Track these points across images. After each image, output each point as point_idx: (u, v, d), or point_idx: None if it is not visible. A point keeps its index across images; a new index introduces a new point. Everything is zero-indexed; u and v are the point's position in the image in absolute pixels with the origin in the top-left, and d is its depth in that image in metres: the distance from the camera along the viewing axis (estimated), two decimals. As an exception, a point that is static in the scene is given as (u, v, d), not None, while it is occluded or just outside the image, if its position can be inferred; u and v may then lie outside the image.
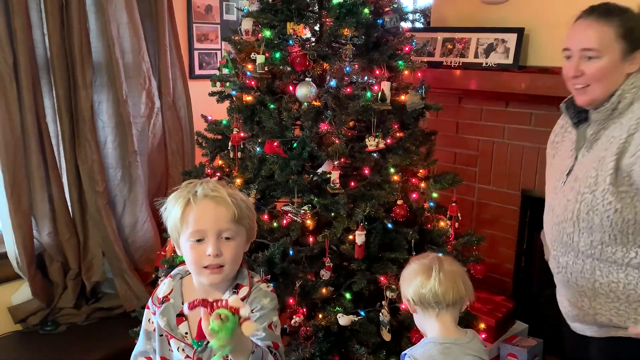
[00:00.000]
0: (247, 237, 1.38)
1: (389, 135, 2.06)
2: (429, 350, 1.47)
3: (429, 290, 1.45)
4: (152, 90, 2.74)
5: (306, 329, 1.96)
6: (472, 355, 1.48)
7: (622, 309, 1.53)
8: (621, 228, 1.47)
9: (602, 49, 1.49)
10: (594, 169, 1.51)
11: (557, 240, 1.64)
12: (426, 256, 1.55)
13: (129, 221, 2.69)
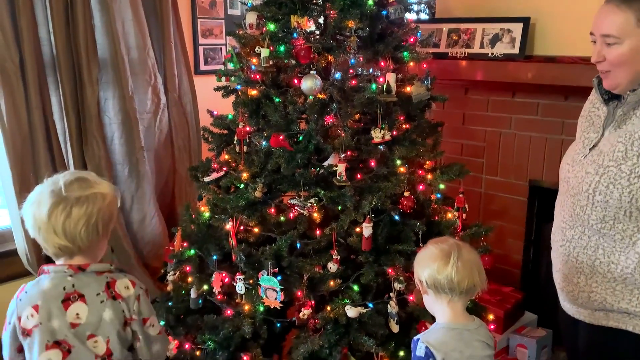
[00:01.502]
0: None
1: (395, 127, 2.06)
2: (443, 336, 1.49)
3: (445, 277, 1.46)
4: (158, 86, 2.75)
5: (314, 321, 1.97)
6: (481, 341, 1.50)
7: (618, 290, 1.55)
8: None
9: (621, 35, 1.47)
10: (622, 144, 1.49)
11: (568, 213, 1.64)
12: (445, 241, 1.55)
13: (137, 217, 2.70)
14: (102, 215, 1.42)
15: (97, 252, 1.50)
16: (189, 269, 2.24)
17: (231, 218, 2.11)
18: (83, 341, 1.42)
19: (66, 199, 1.38)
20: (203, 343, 2.09)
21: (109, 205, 1.45)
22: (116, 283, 1.46)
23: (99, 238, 1.45)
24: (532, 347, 2.53)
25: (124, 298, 1.46)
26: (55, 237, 1.39)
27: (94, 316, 1.42)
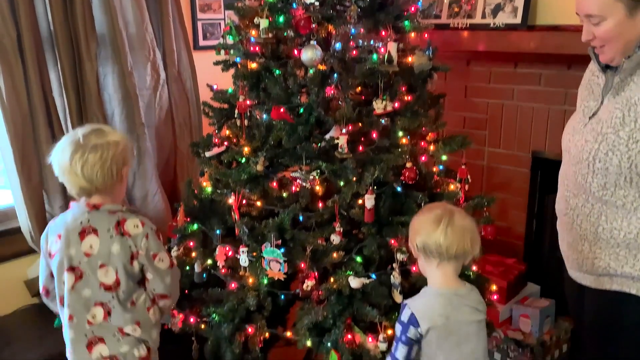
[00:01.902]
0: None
1: (397, 99, 2.04)
2: (430, 301, 1.52)
3: (434, 242, 1.49)
4: (157, 61, 2.72)
5: (318, 292, 1.98)
6: (470, 306, 1.54)
7: (622, 255, 1.56)
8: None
9: (603, 12, 1.48)
10: (619, 110, 1.50)
11: (571, 182, 1.65)
12: (440, 207, 1.58)
13: (140, 194, 2.70)
14: (115, 160, 1.63)
15: (115, 194, 1.71)
16: (193, 244, 2.24)
17: (233, 192, 2.11)
18: (94, 270, 1.65)
19: (84, 147, 1.59)
20: (208, 316, 2.10)
21: (121, 152, 1.65)
22: (126, 222, 1.66)
23: (113, 181, 1.65)
24: (535, 317, 2.55)
25: (132, 235, 1.65)
26: (76, 179, 1.61)
27: (105, 248, 1.64)
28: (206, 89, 2.37)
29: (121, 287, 1.67)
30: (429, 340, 1.50)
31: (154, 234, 1.70)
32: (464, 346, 1.51)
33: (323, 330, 2.01)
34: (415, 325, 1.49)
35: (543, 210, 2.87)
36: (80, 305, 1.68)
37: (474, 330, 1.53)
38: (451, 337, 1.50)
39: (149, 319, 1.74)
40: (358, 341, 1.93)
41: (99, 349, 1.70)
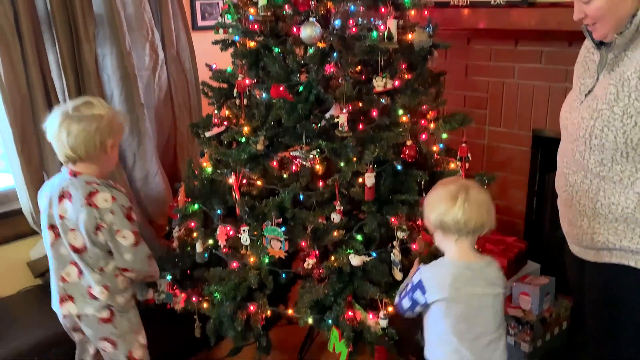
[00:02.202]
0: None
1: (397, 76, 2.03)
2: (441, 272, 1.54)
3: (452, 218, 1.50)
4: (156, 41, 2.71)
5: (319, 271, 1.99)
6: (485, 280, 1.55)
7: (620, 229, 1.58)
8: (636, 145, 1.49)
9: None
10: (613, 86, 1.51)
11: (570, 159, 1.67)
12: (454, 182, 1.58)
13: (140, 175, 2.70)
14: (99, 132, 1.74)
15: (100, 165, 1.81)
16: (194, 224, 2.25)
17: (234, 172, 2.11)
18: (66, 232, 1.79)
19: (70, 117, 1.72)
20: (210, 295, 2.12)
21: (106, 125, 1.76)
22: (98, 194, 1.75)
23: (96, 152, 1.76)
24: (535, 294, 2.56)
25: (99, 208, 1.74)
26: (62, 147, 1.74)
27: (74, 215, 1.76)
28: (205, 70, 2.36)
29: (88, 252, 1.79)
30: (438, 306, 1.55)
31: (121, 211, 1.77)
32: (474, 318, 1.54)
33: (324, 308, 2.03)
34: (422, 291, 1.55)
35: (543, 189, 2.87)
36: (57, 261, 1.85)
37: (487, 303, 1.55)
38: (460, 307, 1.53)
39: (117, 285, 1.86)
40: (359, 318, 1.94)
41: (67, 306, 1.87)
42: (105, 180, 1.83)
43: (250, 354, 2.53)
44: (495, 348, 1.57)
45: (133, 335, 1.95)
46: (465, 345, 1.54)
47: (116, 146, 1.85)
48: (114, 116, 1.81)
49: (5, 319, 2.26)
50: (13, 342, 2.12)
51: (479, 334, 1.55)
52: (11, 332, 2.17)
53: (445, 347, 1.57)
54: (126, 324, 1.92)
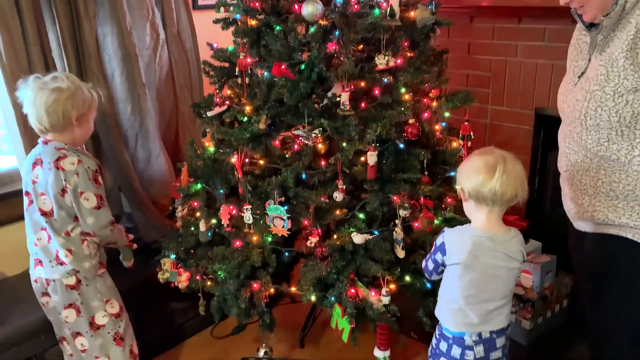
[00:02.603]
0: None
1: (399, 54, 2.02)
2: (463, 237, 1.58)
3: (489, 190, 1.51)
4: (156, 21, 2.69)
5: (322, 249, 2.01)
6: (503, 252, 1.57)
7: (620, 206, 1.61)
8: (629, 123, 1.51)
9: None
10: (603, 67, 1.53)
11: (570, 140, 1.69)
12: (491, 152, 1.57)
13: (143, 155, 2.70)
14: (61, 105, 1.80)
15: (69, 136, 1.88)
16: (197, 203, 2.26)
17: (236, 151, 2.11)
18: (37, 197, 1.88)
19: (35, 90, 1.80)
20: (214, 273, 2.14)
21: (67, 98, 1.81)
22: (65, 158, 1.83)
23: (61, 123, 1.83)
24: (537, 272, 2.58)
25: (65, 170, 1.82)
26: (31, 117, 1.85)
27: (43, 179, 1.85)
28: (206, 49, 2.35)
29: (55, 215, 1.87)
30: (454, 268, 1.60)
31: (86, 174, 1.84)
32: (485, 284, 1.59)
33: (327, 286, 2.05)
34: (442, 253, 1.61)
35: (545, 167, 2.87)
36: (32, 227, 1.94)
37: (501, 275, 1.59)
38: (474, 274, 1.57)
39: (81, 250, 1.91)
40: (361, 295, 1.96)
41: (38, 270, 1.96)
42: (74, 147, 1.90)
43: (254, 331, 2.57)
44: (499, 313, 1.63)
45: (99, 303, 1.98)
46: (471, 307, 1.60)
47: (85, 119, 1.90)
48: (76, 90, 1.84)
49: (12, 297, 2.29)
50: (20, 320, 2.15)
51: (486, 299, 1.60)
52: (18, 311, 2.20)
53: (452, 305, 1.63)
54: (92, 292, 1.97)
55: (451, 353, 1.65)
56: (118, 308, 2.04)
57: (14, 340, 2.10)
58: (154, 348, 2.63)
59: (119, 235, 2.03)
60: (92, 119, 1.96)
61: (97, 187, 1.88)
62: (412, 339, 2.64)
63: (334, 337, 2.53)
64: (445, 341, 1.67)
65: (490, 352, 1.65)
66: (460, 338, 1.63)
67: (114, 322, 2.02)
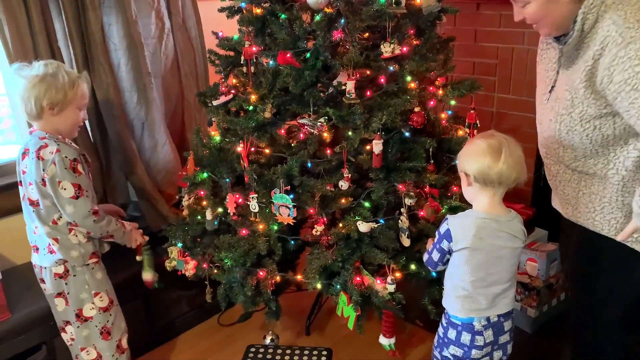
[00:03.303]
0: None
1: (405, 42, 2.01)
2: (467, 221, 1.60)
3: (497, 172, 1.53)
4: (161, 9, 2.68)
5: (327, 237, 2.01)
6: (507, 233, 1.61)
7: (598, 220, 1.65)
8: (602, 143, 1.55)
9: None
10: (568, 92, 1.57)
11: (548, 152, 1.74)
12: (493, 135, 1.58)
13: (149, 144, 2.71)
14: (33, 93, 1.80)
15: (49, 125, 1.87)
16: (203, 192, 2.27)
17: (242, 140, 2.12)
18: (26, 186, 1.90)
19: (15, 78, 1.82)
20: (220, 261, 2.15)
21: (33, 86, 1.79)
22: (45, 148, 1.82)
23: (34, 112, 1.83)
24: (542, 261, 2.59)
25: (44, 159, 1.82)
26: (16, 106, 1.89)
27: (29, 168, 1.85)
28: (211, 37, 2.34)
29: (40, 205, 1.88)
30: (461, 254, 1.61)
31: (62, 162, 1.82)
32: (491, 266, 1.61)
33: (332, 274, 2.06)
34: (448, 240, 1.62)
35: (552, 156, 2.85)
36: (28, 216, 1.96)
37: (505, 255, 1.62)
38: (481, 256, 1.59)
39: (68, 239, 1.92)
40: (367, 283, 1.97)
41: (34, 257, 2.00)
42: (56, 136, 1.88)
43: (260, 319, 2.59)
44: (505, 296, 1.66)
45: (87, 296, 1.98)
46: (479, 291, 1.62)
47: (64, 108, 1.86)
48: (49, 76, 1.81)
49: (21, 285, 2.32)
50: (28, 308, 2.17)
51: (493, 282, 1.62)
52: (27, 298, 2.23)
53: (459, 292, 1.65)
54: (80, 283, 1.96)
55: (461, 340, 1.67)
56: (107, 301, 2.03)
57: (23, 327, 2.12)
58: (161, 335, 2.66)
59: (111, 228, 1.98)
60: (78, 107, 1.91)
61: (76, 176, 1.85)
62: (417, 327, 2.65)
63: (340, 324, 2.55)
64: (454, 328, 1.68)
65: (498, 336, 1.68)
66: (470, 324, 1.65)
67: (102, 316, 2.01)
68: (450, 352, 1.69)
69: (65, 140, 1.93)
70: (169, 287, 2.57)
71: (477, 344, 1.65)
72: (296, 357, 2.13)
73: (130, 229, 2.10)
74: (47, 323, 2.17)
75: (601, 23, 1.46)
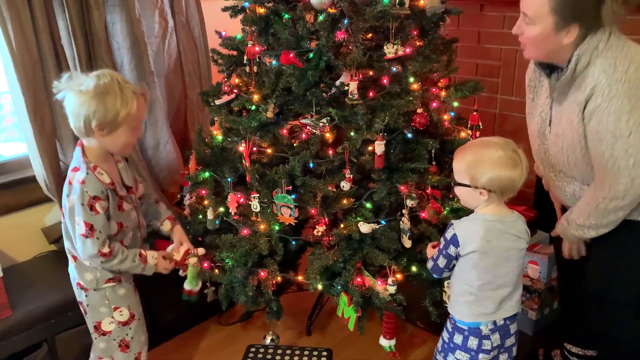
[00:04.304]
0: None
1: (408, 43, 2.01)
2: (475, 226, 1.60)
3: (509, 179, 1.53)
4: (165, 8, 2.69)
5: (329, 238, 2.01)
6: (513, 234, 1.61)
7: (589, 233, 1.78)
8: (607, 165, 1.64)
9: (535, 18, 1.61)
10: (569, 130, 1.67)
11: (562, 174, 1.81)
12: (504, 143, 1.56)
13: (151, 143, 2.72)
14: (80, 111, 1.63)
15: (96, 143, 1.71)
16: (205, 192, 2.27)
17: (244, 140, 2.12)
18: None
19: (68, 87, 1.64)
20: (221, 261, 2.15)
21: (82, 104, 1.62)
22: (77, 172, 1.70)
23: (82, 130, 1.67)
24: (544, 263, 2.57)
25: (71, 185, 1.71)
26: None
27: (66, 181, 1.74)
28: (214, 37, 2.34)
29: (65, 220, 1.78)
30: (468, 258, 1.60)
31: (82, 197, 1.67)
32: (499, 269, 1.61)
33: (333, 274, 2.06)
34: (455, 245, 1.60)
35: (555, 158, 2.85)
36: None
37: (512, 256, 1.62)
38: (489, 259, 1.59)
39: (82, 262, 1.83)
40: (368, 284, 1.97)
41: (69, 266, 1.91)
42: (91, 161, 1.73)
43: (261, 319, 2.59)
44: (511, 299, 1.66)
45: (107, 310, 1.87)
46: (487, 295, 1.62)
47: (115, 129, 1.68)
48: (102, 95, 1.63)
49: (22, 283, 2.32)
50: (30, 305, 2.17)
51: (500, 285, 1.62)
52: (28, 296, 2.23)
53: (467, 297, 1.64)
54: (99, 297, 1.86)
55: (467, 345, 1.66)
56: (128, 316, 1.90)
57: (24, 325, 2.12)
58: (162, 334, 2.66)
59: (125, 266, 1.81)
60: (132, 127, 1.72)
61: (91, 215, 1.68)
62: (417, 328, 2.65)
63: (341, 325, 2.54)
64: (460, 333, 1.67)
65: (505, 339, 1.68)
66: (477, 328, 1.65)
67: (120, 329, 1.90)
68: (456, 356, 1.69)
69: (96, 171, 1.72)
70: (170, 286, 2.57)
71: (485, 348, 1.65)
72: (296, 357, 2.13)
73: (155, 262, 1.90)
74: (48, 321, 2.18)
75: (593, 67, 1.58)
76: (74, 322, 2.23)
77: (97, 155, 1.75)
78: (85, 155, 1.73)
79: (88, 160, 1.72)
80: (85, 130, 1.67)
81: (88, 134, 1.69)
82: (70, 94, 1.64)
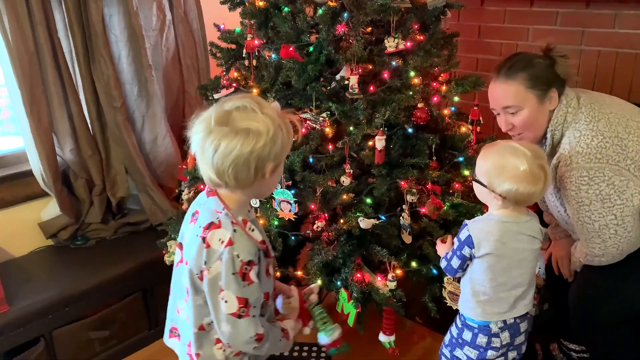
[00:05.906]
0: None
1: (409, 37, 1.99)
2: (489, 226, 1.59)
3: (528, 192, 1.52)
4: (163, 1, 2.66)
5: (328, 233, 2.00)
6: (527, 235, 1.60)
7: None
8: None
9: (519, 103, 1.73)
10: (551, 194, 1.83)
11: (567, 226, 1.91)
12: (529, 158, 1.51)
13: (149, 137, 2.70)
14: (257, 155, 1.23)
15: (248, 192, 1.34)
16: (203, 187, 2.25)
17: (243, 134, 2.09)
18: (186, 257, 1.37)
19: (220, 129, 1.21)
20: (220, 256, 2.13)
21: (266, 144, 1.23)
22: (218, 230, 1.28)
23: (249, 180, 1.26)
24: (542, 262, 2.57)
25: (210, 248, 1.27)
26: (207, 167, 1.24)
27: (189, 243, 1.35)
28: (213, 30, 2.32)
29: (189, 297, 1.34)
30: (483, 259, 1.59)
31: (232, 264, 1.26)
32: (513, 270, 1.60)
33: (333, 270, 2.04)
34: (470, 246, 1.59)
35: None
36: (176, 288, 1.44)
37: (527, 257, 1.62)
38: (504, 261, 1.58)
39: (212, 355, 1.38)
40: (367, 280, 1.96)
41: (172, 342, 1.51)
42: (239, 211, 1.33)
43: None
44: (524, 298, 1.65)
45: None
46: (501, 295, 1.61)
47: (278, 169, 1.33)
48: (277, 130, 1.25)
49: (18, 278, 2.30)
50: (27, 301, 2.16)
51: (515, 285, 1.62)
52: (25, 291, 2.21)
53: (480, 297, 1.63)
54: None
55: (477, 342, 1.66)
56: None
57: (21, 321, 2.11)
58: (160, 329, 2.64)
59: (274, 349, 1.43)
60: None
61: (245, 286, 1.27)
62: (417, 324, 2.64)
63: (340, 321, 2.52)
64: (470, 330, 1.67)
65: (515, 337, 1.67)
66: (486, 326, 1.64)
67: None
68: (464, 352, 1.68)
69: (246, 226, 1.32)
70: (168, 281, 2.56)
71: (494, 346, 1.65)
72: (295, 353, 2.12)
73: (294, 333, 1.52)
74: (45, 316, 2.16)
75: (564, 139, 1.72)
76: (71, 317, 2.22)
77: (241, 207, 1.35)
78: (227, 206, 1.32)
79: (229, 213, 1.30)
80: (252, 179, 1.27)
81: (252, 184, 1.29)
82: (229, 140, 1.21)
